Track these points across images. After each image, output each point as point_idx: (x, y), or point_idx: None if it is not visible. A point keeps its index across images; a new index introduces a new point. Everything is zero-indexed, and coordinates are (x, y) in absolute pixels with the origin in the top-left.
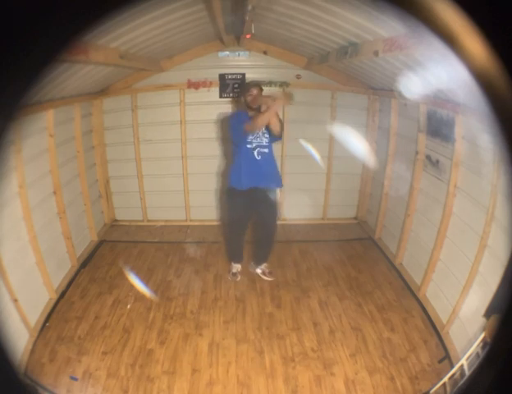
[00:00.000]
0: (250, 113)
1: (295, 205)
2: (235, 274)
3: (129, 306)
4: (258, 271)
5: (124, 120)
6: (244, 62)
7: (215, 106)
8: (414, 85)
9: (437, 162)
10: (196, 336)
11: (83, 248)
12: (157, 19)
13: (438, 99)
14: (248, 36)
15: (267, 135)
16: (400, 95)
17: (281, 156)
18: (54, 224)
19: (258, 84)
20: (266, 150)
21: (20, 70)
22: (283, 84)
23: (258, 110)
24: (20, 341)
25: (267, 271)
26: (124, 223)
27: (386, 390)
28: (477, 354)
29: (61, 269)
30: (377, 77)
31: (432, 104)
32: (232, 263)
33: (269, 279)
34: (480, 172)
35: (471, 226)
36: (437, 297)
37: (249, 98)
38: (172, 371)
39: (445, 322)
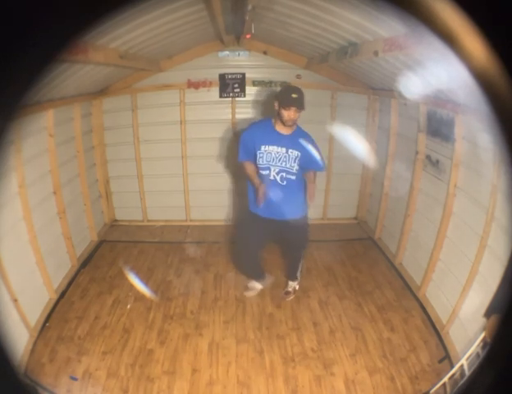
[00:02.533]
0: (278, 127)
1: None
2: (249, 288)
3: (129, 306)
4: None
5: (124, 120)
6: (244, 62)
7: (215, 106)
8: (414, 85)
9: (437, 162)
10: (196, 336)
11: (83, 248)
12: (157, 19)
13: (438, 99)
14: (248, 36)
15: (299, 163)
16: (400, 95)
17: None
18: (54, 224)
19: (301, 102)
20: (293, 177)
21: (20, 70)
22: (283, 84)
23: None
24: (20, 341)
25: (288, 289)
26: (124, 223)
27: (386, 390)
28: (477, 354)
29: (61, 269)
30: (377, 77)
31: (432, 104)
32: (253, 281)
33: (285, 298)
34: (480, 172)
35: (471, 226)
36: (437, 297)
37: (284, 114)
38: (172, 371)
39: (445, 322)
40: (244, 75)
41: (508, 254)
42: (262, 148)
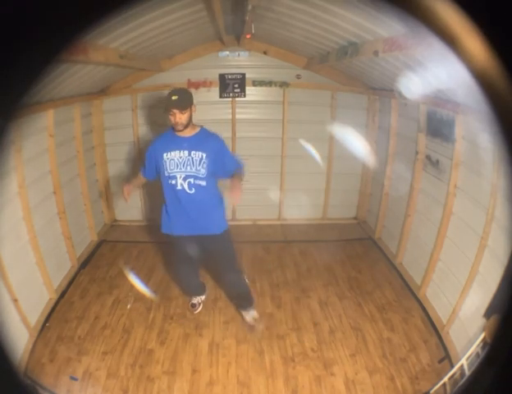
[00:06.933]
0: (178, 133)
1: (295, 205)
2: (194, 305)
3: (129, 306)
4: (246, 318)
5: (124, 120)
6: (244, 62)
7: (215, 106)
8: (414, 85)
9: (437, 162)
10: (196, 336)
11: (83, 248)
12: (157, 19)
13: (438, 99)
14: (248, 36)
15: (205, 165)
16: (400, 95)
17: (281, 156)
18: (54, 224)
19: (180, 102)
20: (202, 183)
21: (20, 70)
22: (283, 85)
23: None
24: (20, 341)
25: (251, 321)
26: (124, 223)
27: (386, 390)
28: (477, 354)
29: (61, 269)
30: (377, 77)
31: (432, 104)
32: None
33: (251, 329)
34: (480, 172)
35: (471, 226)
36: (437, 297)
37: (170, 118)
38: (172, 371)
39: (445, 322)
40: (244, 75)
41: (508, 254)
42: (165, 156)
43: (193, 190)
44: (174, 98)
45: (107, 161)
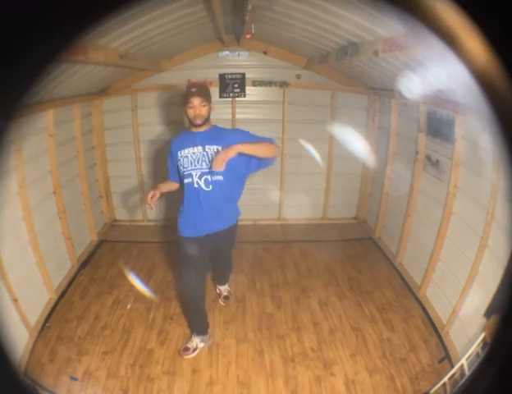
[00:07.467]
0: (192, 129)
1: (295, 205)
2: (187, 349)
3: (129, 306)
4: (223, 292)
5: (124, 120)
6: (244, 62)
7: (215, 106)
8: (414, 85)
9: (437, 162)
10: None
11: (83, 248)
12: (157, 19)
13: (438, 99)
14: (248, 36)
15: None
16: (400, 95)
17: (281, 156)
18: (54, 224)
19: (203, 92)
20: (220, 178)
21: (20, 70)
22: (283, 85)
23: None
24: (20, 341)
25: (225, 295)
26: (124, 223)
27: (386, 390)
28: (477, 354)
29: (61, 269)
30: (377, 77)
31: (432, 104)
32: (195, 336)
33: (223, 303)
34: (480, 172)
35: (471, 226)
36: (437, 297)
37: (190, 111)
38: (172, 371)
39: (445, 322)
40: (244, 75)
41: (508, 254)
42: (179, 154)
43: (210, 187)
44: (193, 89)
45: (107, 161)
